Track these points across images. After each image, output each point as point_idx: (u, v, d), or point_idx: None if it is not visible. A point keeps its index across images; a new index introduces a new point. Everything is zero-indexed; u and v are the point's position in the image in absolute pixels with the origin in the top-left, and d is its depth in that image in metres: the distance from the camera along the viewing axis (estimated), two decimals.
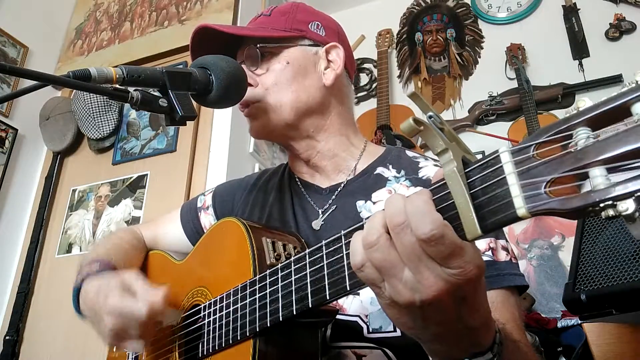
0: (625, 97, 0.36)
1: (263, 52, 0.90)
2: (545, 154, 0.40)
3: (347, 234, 0.54)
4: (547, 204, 0.38)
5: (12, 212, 2.23)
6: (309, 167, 0.96)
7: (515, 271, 0.77)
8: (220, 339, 0.73)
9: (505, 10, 2.80)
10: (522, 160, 0.41)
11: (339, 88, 0.96)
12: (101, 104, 2.21)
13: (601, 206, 0.36)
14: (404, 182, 0.88)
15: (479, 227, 0.42)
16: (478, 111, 2.60)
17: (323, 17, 0.99)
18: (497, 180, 0.42)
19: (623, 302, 1.07)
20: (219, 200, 1.07)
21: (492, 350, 0.50)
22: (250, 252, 0.73)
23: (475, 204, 0.43)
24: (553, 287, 2.11)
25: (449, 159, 0.45)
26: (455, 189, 0.44)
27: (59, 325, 1.93)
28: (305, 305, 0.59)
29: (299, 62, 0.91)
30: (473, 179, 0.44)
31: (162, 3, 2.50)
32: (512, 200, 0.40)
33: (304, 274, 0.60)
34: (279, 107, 0.89)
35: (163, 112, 0.71)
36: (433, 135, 0.45)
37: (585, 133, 0.38)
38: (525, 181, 0.40)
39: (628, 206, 0.34)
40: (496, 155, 0.43)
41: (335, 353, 0.77)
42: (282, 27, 0.92)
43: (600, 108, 0.37)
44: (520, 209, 0.40)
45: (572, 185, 0.38)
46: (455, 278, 0.43)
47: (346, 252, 0.54)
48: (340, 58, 0.94)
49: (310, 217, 0.91)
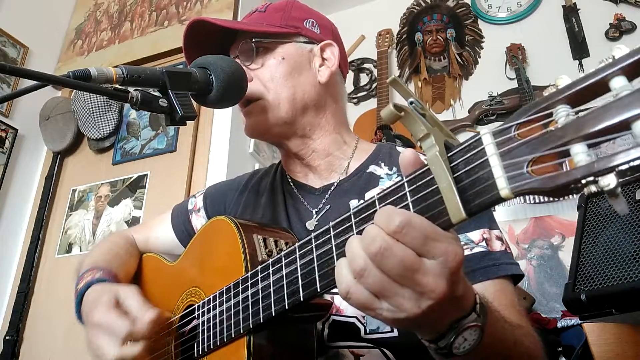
0: (603, 72, 0.36)
1: (258, 47, 0.90)
2: (526, 134, 0.40)
3: (335, 225, 0.54)
4: (529, 183, 0.38)
5: (12, 212, 2.23)
6: (303, 166, 0.96)
7: (510, 261, 0.78)
8: (215, 338, 0.73)
9: (505, 10, 2.80)
10: (504, 141, 0.41)
11: (333, 86, 0.96)
12: (101, 104, 2.21)
13: (583, 182, 0.35)
14: (396, 179, 0.88)
15: (463, 210, 0.42)
16: (478, 111, 2.60)
17: (317, 15, 0.99)
18: (480, 162, 0.42)
19: (623, 302, 1.07)
20: (210, 202, 1.07)
21: (474, 310, 0.49)
22: (242, 250, 0.73)
23: (459, 187, 0.43)
24: (553, 287, 2.11)
25: (431, 144, 0.45)
26: (439, 173, 0.44)
27: (59, 325, 1.92)
28: (297, 299, 0.58)
29: (294, 58, 0.91)
30: (456, 163, 0.44)
31: (162, 3, 2.50)
32: (495, 181, 0.40)
33: (295, 268, 0.59)
34: (277, 105, 0.89)
35: (163, 112, 0.71)
36: (414, 121, 0.45)
37: (565, 110, 0.37)
38: (508, 162, 0.40)
39: (609, 181, 0.34)
40: (478, 138, 0.43)
41: (333, 353, 0.77)
42: (277, 23, 0.92)
43: (578, 85, 0.37)
44: (503, 190, 0.40)
45: (554, 164, 0.38)
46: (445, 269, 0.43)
47: (335, 243, 0.54)
48: (335, 56, 0.94)
49: (304, 218, 0.91)
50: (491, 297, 0.69)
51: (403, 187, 0.48)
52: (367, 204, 0.51)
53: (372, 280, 0.44)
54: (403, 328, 0.48)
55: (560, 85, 0.38)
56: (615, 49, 0.36)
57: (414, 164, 0.48)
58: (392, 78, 0.46)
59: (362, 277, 0.45)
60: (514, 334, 0.60)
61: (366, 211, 0.51)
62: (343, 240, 0.53)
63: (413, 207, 0.47)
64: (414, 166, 0.48)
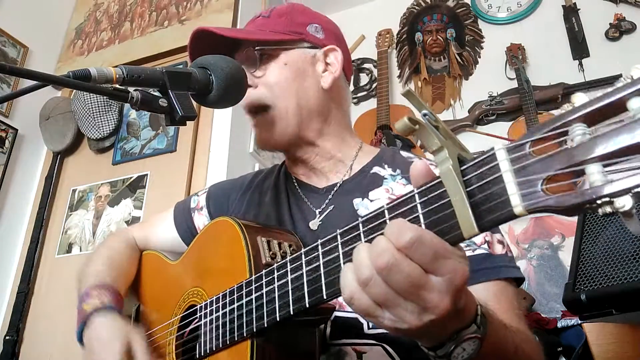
0: (621, 92, 0.35)
1: (261, 55, 0.91)
2: (541, 151, 0.39)
3: (343, 233, 0.54)
4: (543, 201, 0.38)
5: (12, 212, 2.23)
6: (307, 169, 0.96)
7: (511, 264, 0.78)
8: (218, 340, 0.73)
9: (505, 10, 2.80)
10: (518, 158, 0.40)
11: (337, 91, 0.96)
12: (101, 104, 2.21)
13: (598, 203, 0.35)
14: (400, 181, 0.88)
15: (476, 225, 0.42)
16: (478, 111, 2.60)
17: (322, 19, 0.99)
18: (493, 178, 0.42)
19: (623, 302, 1.07)
20: (213, 201, 1.07)
21: (475, 322, 0.49)
22: (246, 252, 0.73)
23: (472, 202, 0.43)
24: (553, 287, 2.11)
25: (445, 157, 0.44)
26: (451, 186, 0.43)
27: (59, 325, 1.93)
28: (302, 306, 0.59)
29: (297, 64, 0.91)
30: (469, 177, 0.43)
31: (162, 3, 2.50)
32: (509, 198, 0.40)
33: (300, 274, 0.59)
34: (285, 117, 0.89)
35: (163, 112, 0.71)
36: (428, 134, 0.45)
37: (581, 129, 0.37)
38: (522, 179, 0.40)
39: (625, 202, 0.34)
40: (492, 153, 0.42)
41: (335, 350, 0.77)
42: (280, 29, 0.92)
43: (595, 104, 0.37)
44: (517, 207, 0.39)
45: (568, 183, 0.38)
46: (454, 285, 0.43)
47: (342, 251, 0.53)
48: (339, 61, 0.94)
49: (308, 217, 0.91)
50: (492, 298, 0.70)
51: (414, 198, 0.47)
52: (376, 214, 0.51)
53: (376, 291, 0.45)
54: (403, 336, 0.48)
55: (576, 104, 0.38)
56: (634, 69, 0.35)
57: (425, 175, 0.48)
58: (407, 90, 0.46)
59: (367, 287, 0.45)
60: (514, 340, 0.60)
61: (375, 220, 0.51)
62: (350, 248, 0.52)
63: (424, 219, 0.46)
64: (425, 177, 0.48)
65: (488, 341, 0.51)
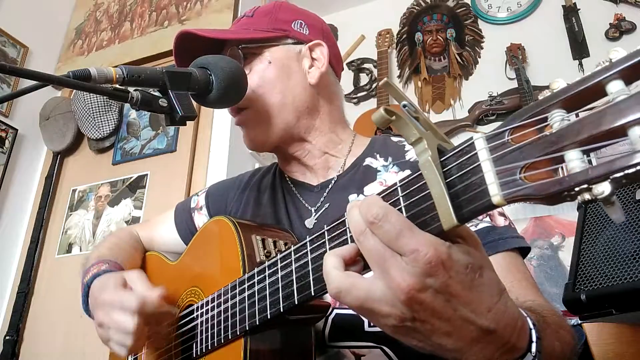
0: (600, 76, 0.35)
1: (245, 54, 0.90)
2: (520, 139, 0.38)
3: (330, 229, 0.54)
4: (522, 190, 0.37)
5: (12, 212, 2.24)
6: (300, 166, 0.96)
7: (515, 234, 0.77)
8: (213, 339, 0.73)
9: (505, 10, 2.80)
10: (497, 146, 0.39)
11: (326, 86, 0.95)
12: (101, 104, 2.21)
13: (576, 190, 0.34)
14: (392, 169, 0.88)
15: (455, 217, 0.41)
16: (478, 111, 2.60)
17: (307, 15, 0.98)
18: (472, 167, 0.41)
19: (623, 302, 1.06)
20: (212, 200, 1.07)
21: (530, 351, 0.46)
22: (240, 251, 0.73)
23: (452, 192, 0.42)
24: (553, 287, 2.11)
25: (424, 148, 0.43)
26: (431, 178, 0.43)
27: (59, 325, 1.93)
28: (291, 303, 0.58)
29: (282, 61, 0.91)
30: (449, 167, 0.43)
31: (162, 3, 2.50)
32: (487, 187, 0.39)
33: (290, 271, 0.59)
34: (267, 114, 0.89)
35: (163, 112, 0.71)
36: (406, 125, 0.44)
37: (560, 115, 0.36)
38: (501, 167, 0.39)
39: (604, 189, 0.33)
40: (471, 142, 0.42)
41: (333, 353, 0.77)
42: (264, 27, 0.91)
43: (574, 89, 0.36)
44: (495, 197, 0.39)
45: (547, 170, 0.37)
46: (416, 267, 0.42)
47: (329, 246, 0.53)
48: (325, 56, 0.93)
49: (304, 216, 0.91)
50: (503, 270, 0.69)
51: (397, 191, 0.47)
52: None
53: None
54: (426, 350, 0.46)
55: (555, 89, 0.37)
56: (612, 52, 0.35)
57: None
58: (385, 81, 0.46)
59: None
60: (558, 336, 0.57)
61: None
62: (337, 243, 0.52)
63: (406, 212, 0.46)
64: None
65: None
